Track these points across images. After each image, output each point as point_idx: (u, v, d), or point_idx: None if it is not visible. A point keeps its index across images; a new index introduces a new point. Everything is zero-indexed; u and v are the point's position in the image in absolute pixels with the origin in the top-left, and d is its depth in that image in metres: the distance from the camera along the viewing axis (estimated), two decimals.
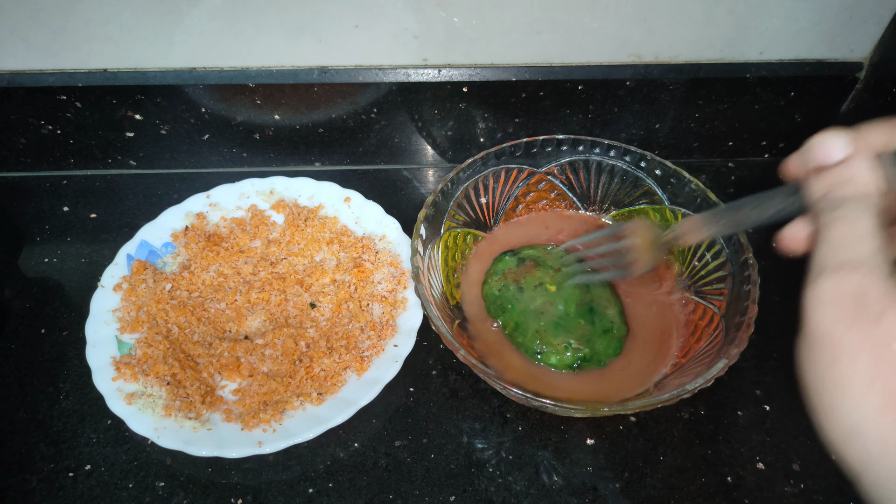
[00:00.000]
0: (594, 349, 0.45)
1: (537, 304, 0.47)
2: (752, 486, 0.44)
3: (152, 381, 0.45)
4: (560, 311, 0.47)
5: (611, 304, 0.48)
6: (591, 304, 0.47)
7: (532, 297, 0.47)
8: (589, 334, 0.46)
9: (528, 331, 0.46)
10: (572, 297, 0.47)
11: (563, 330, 0.46)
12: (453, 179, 0.49)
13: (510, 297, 0.48)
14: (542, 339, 0.46)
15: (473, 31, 0.54)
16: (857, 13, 0.54)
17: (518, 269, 0.49)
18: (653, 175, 0.50)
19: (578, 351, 0.45)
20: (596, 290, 0.48)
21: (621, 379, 0.46)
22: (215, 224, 0.56)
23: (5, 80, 0.54)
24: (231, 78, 0.56)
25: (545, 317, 0.47)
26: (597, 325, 0.46)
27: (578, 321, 0.46)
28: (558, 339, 0.46)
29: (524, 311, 0.47)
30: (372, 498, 0.43)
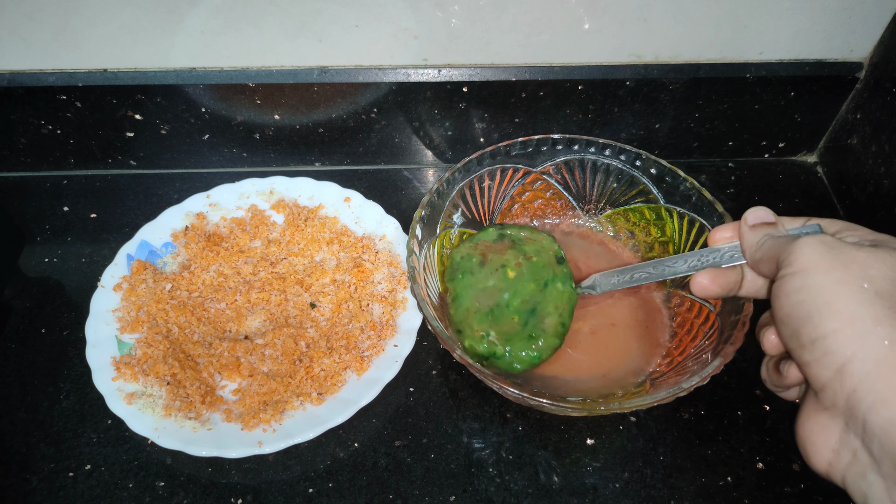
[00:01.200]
0: (510, 350, 0.43)
1: (488, 284, 0.46)
2: (752, 486, 0.44)
3: (152, 381, 0.45)
4: (502, 301, 0.45)
5: (555, 314, 0.45)
6: (536, 306, 0.45)
7: (487, 276, 0.46)
8: (513, 334, 0.44)
9: (461, 306, 0.45)
10: (523, 291, 0.45)
11: (492, 320, 0.44)
12: (448, 179, 0.49)
13: (468, 268, 0.47)
14: (467, 319, 0.44)
15: (473, 31, 0.54)
16: (857, 13, 0.54)
17: (492, 245, 0.48)
18: (648, 174, 0.50)
19: (493, 346, 0.43)
20: (550, 293, 0.46)
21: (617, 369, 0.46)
22: (215, 224, 0.56)
23: (5, 79, 0.54)
24: (231, 78, 0.56)
25: (485, 300, 0.45)
26: (528, 327, 0.44)
27: (512, 317, 0.44)
28: (481, 325, 0.44)
29: (470, 287, 0.46)
30: (372, 498, 0.43)
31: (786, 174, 0.64)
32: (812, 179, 0.64)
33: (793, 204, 0.62)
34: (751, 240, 0.33)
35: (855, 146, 0.59)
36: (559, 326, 0.45)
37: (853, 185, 0.60)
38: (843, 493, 0.43)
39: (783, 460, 0.45)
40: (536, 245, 0.48)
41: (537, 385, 0.46)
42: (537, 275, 0.46)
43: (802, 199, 0.62)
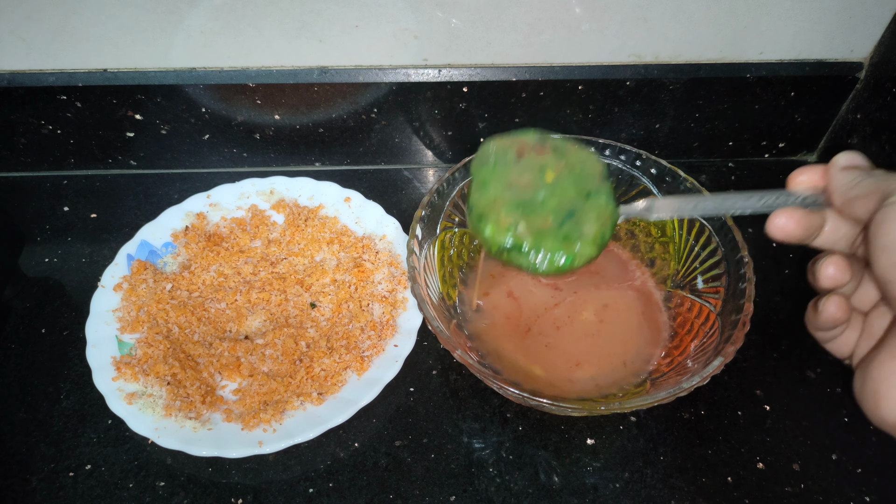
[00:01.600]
0: (539, 246, 0.39)
1: (522, 179, 0.41)
2: (752, 486, 0.44)
3: (152, 381, 0.45)
4: (537, 197, 0.40)
5: (597, 223, 0.40)
6: (575, 210, 0.40)
7: (522, 171, 0.42)
8: (546, 231, 0.39)
9: (487, 193, 0.41)
10: (562, 193, 0.41)
11: (523, 212, 0.40)
12: (449, 179, 0.49)
13: (501, 159, 0.42)
14: (493, 205, 0.40)
15: (473, 31, 0.54)
16: (857, 13, 0.54)
17: (533, 145, 0.43)
18: (648, 174, 0.50)
19: (520, 238, 0.39)
20: (593, 203, 0.41)
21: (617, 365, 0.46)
22: (215, 224, 0.56)
23: (5, 80, 0.54)
24: (231, 78, 0.56)
25: (517, 192, 0.40)
26: (564, 228, 0.39)
27: (547, 215, 0.40)
28: (510, 214, 0.39)
29: (502, 176, 0.42)
30: (372, 498, 0.43)
31: (786, 174, 0.63)
32: None
33: None
34: (843, 179, 0.31)
35: (855, 146, 0.59)
36: (599, 236, 0.39)
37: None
38: (843, 494, 0.43)
39: (783, 460, 0.45)
40: (581, 157, 0.44)
41: (537, 385, 0.46)
42: (579, 183, 0.42)
43: None
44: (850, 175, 0.30)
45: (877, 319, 0.31)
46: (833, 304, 0.31)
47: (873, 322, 0.31)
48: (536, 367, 0.47)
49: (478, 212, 0.41)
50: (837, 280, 0.31)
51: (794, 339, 0.51)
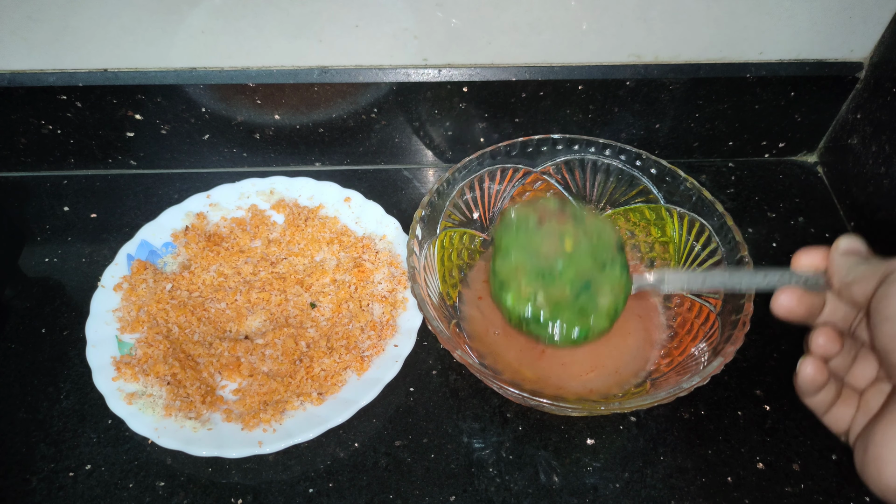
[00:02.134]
0: (556, 318, 0.41)
1: (542, 247, 0.43)
2: (752, 486, 0.44)
3: (152, 380, 0.45)
4: (556, 267, 0.42)
5: (611, 296, 0.42)
6: (591, 283, 0.42)
7: (543, 239, 0.43)
8: (564, 303, 0.41)
9: (509, 261, 0.43)
10: (579, 264, 0.42)
11: (543, 282, 0.41)
12: (449, 179, 0.49)
13: (523, 225, 0.44)
14: (515, 276, 0.42)
15: (473, 31, 0.54)
16: (857, 13, 0.54)
17: (553, 211, 0.45)
18: (648, 174, 0.50)
19: (539, 309, 0.41)
20: (608, 275, 0.43)
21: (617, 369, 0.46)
22: (215, 224, 0.56)
23: (5, 79, 0.54)
24: (231, 78, 0.56)
25: (537, 261, 0.42)
26: (579, 300, 0.41)
27: (565, 286, 0.41)
28: (530, 285, 0.41)
29: (523, 245, 0.43)
30: (372, 498, 0.43)
31: (786, 174, 0.64)
32: (812, 179, 0.64)
33: (793, 204, 0.62)
34: (842, 263, 0.33)
35: (855, 146, 0.59)
36: (612, 310, 0.42)
37: (853, 185, 0.60)
38: (843, 494, 0.43)
39: (783, 460, 0.45)
40: (598, 226, 0.45)
41: (537, 385, 0.46)
42: (596, 254, 0.43)
43: (802, 199, 0.62)
44: (849, 260, 0.32)
45: (874, 397, 0.33)
46: (808, 364, 0.33)
47: (870, 399, 0.33)
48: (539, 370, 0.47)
49: (500, 279, 0.43)
50: (827, 349, 0.33)
51: (794, 339, 0.51)
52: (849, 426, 0.33)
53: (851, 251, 0.33)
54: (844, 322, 0.34)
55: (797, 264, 0.35)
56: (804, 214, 0.61)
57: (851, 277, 0.32)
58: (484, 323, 0.49)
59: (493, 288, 0.43)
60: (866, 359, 0.34)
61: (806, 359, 0.33)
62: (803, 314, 0.34)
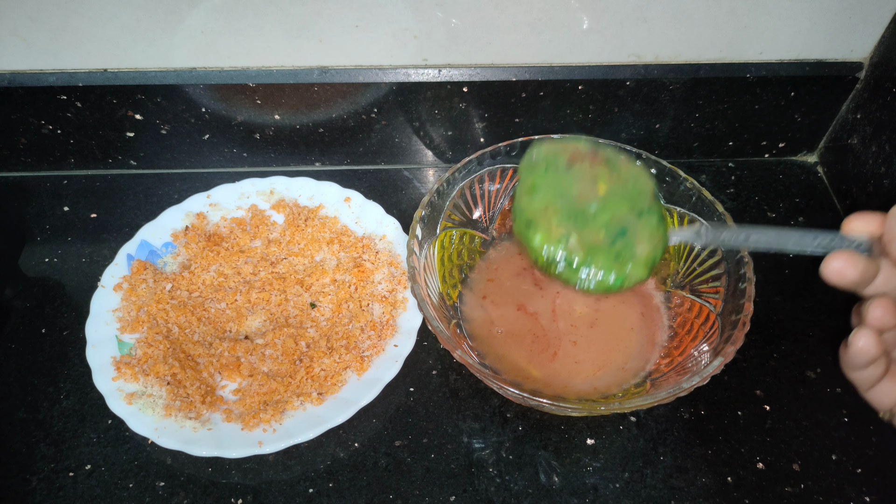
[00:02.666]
0: (589, 262, 0.37)
1: (573, 189, 0.39)
2: (752, 486, 0.44)
3: (152, 380, 0.45)
4: (589, 210, 0.39)
5: (649, 244, 0.38)
6: (626, 228, 0.39)
7: (574, 180, 0.40)
8: (597, 247, 0.38)
9: (538, 199, 0.39)
10: (614, 208, 0.39)
11: (576, 224, 0.38)
12: (449, 179, 0.49)
13: (553, 164, 0.41)
14: (545, 215, 0.38)
15: (473, 31, 0.54)
16: (857, 13, 0.54)
17: (584, 153, 0.42)
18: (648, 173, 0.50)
19: (572, 252, 0.37)
20: (645, 221, 0.39)
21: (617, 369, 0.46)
22: (215, 224, 0.56)
23: (5, 79, 0.54)
24: (231, 78, 0.56)
25: (569, 202, 0.39)
26: (615, 246, 0.38)
27: (600, 230, 0.38)
28: (562, 225, 0.38)
29: (554, 184, 0.40)
30: (372, 498, 0.43)
31: (786, 174, 0.64)
32: (812, 179, 0.64)
33: (793, 204, 0.62)
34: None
35: (855, 146, 0.59)
36: (651, 259, 0.38)
37: (853, 185, 0.60)
38: (843, 494, 0.43)
39: (783, 460, 0.45)
40: (633, 172, 0.42)
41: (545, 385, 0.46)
42: (632, 200, 0.40)
43: (802, 199, 0.62)
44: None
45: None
46: (863, 336, 0.31)
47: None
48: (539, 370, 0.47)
49: (526, 217, 0.39)
50: (884, 322, 0.31)
51: (794, 339, 0.51)
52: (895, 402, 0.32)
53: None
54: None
55: (849, 228, 0.32)
56: (804, 214, 0.61)
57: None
58: (486, 323, 0.49)
59: (517, 226, 0.40)
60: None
61: (861, 330, 0.31)
62: (856, 280, 0.31)
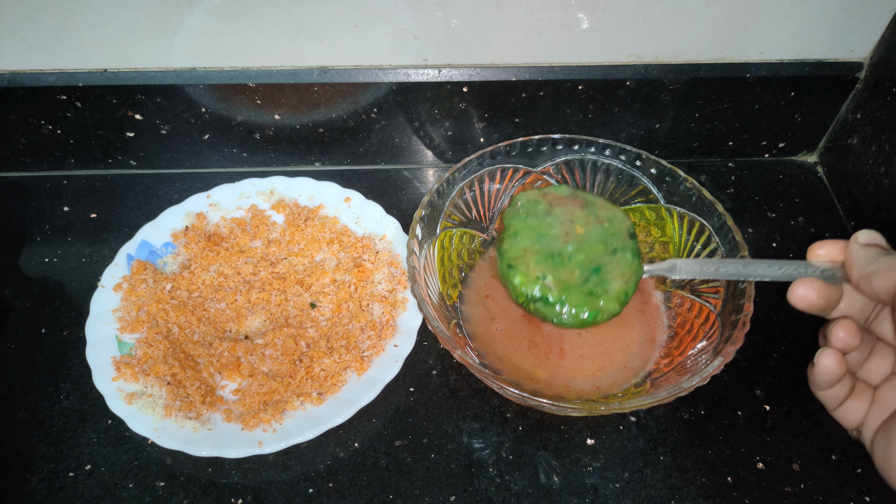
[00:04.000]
0: (564, 301, 0.41)
1: (551, 231, 0.43)
2: (752, 486, 0.44)
3: (152, 381, 0.45)
4: (565, 251, 0.42)
5: (621, 280, 0.42)
6: (601, 267, 0.42)
7: (552, 224, 0.44)
8: (572, 286, 0.41)
9: (518, 243, 0.43)
10: (589, 249, 0.43)
11: (552, 265, 0.42)
12: (449, 179, 0.49)
13: (533, 211, 0.45)
14: (524, 258, 0.42)
15: (473, 31, 0.54)
16: (857, 13, 0.54)
17: (563, 198, 0.46)
18: (648, 174, 0.50)
19: (547, 290, 0.41)
20: (618, 260, 0.43)
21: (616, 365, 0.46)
22: (215, 224, 0.56)
23: (5, 80, 0.54)
24: (231, 78, 0.56)
25: (547, 244, 0.43)
26: (589, 283, 0.41)
27: (574, 269, 0.42)
28: (539, 266, 0.42)
29: (533, 228, 0.44)
30: (372, 498, 0.43)
31: (786, 174, 0.64)
32: (812, 179, 0.64)
33: (793, 204, 0.62)
34: (862, 255, 0.32)
35: (855, 146, 0.59)
36: (622, 294, 0.41)
37: (853, 185, 0.60)
38: (843, 494, 0.43)
39: (783, 460, 0.45)
40: (610, 213, 0.46)
41: (537, 385, 0.46)
42: (607, 240, 0.44)
43: (802, 199, 0.62)
44: (869, 252, 0.32)
45: (889, 392, 0.32)
46: (828, 356, 0.32)
47: (885, 394, 0.32)
48: (539, 370, 0.47)
49: (508, 260, 0.43)
50: (848, 343, 0.32)
51: (793, 339, 0.51)
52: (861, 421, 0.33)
53: (871, 243, 0.32)
54: (861, 315, 0.34)
55: (813, 255, 0.34)
56: (804, 214, 0.61)
57: (872, 269, 0.31)
58: (486, 322, 0.49)
59: (500, 268, 0.43)
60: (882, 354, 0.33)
61: (826, 351, 0.32)
62: (821, 306, 0.33)
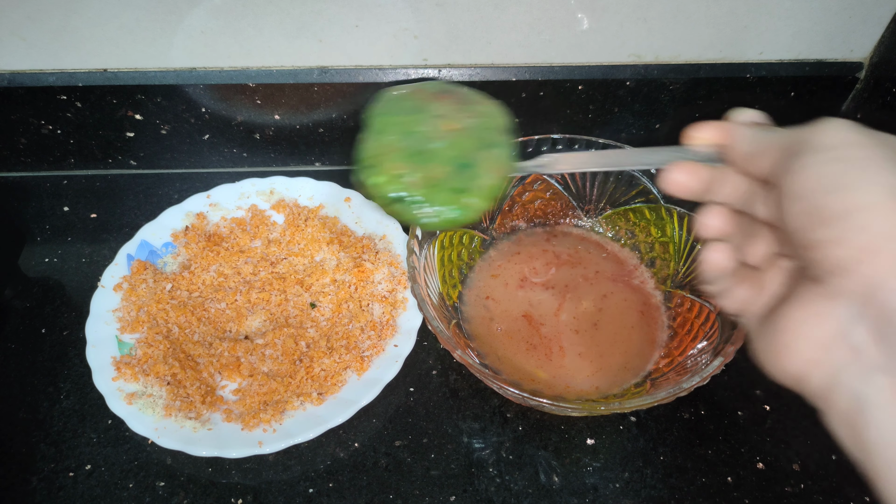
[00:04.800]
0: (428, 198, 0.36)
1: (419, 128, 0.39)
2: (752, 486, 0.44)
3: (152, 381, 0.45)
4: (432, 147, 0.38)
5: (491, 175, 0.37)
6: (471, 161, 0.38)
7: (420, 121, 0.39)
8: (438, 182, 0.37)
9: (379, 139, 0.38)
10: (461, 144, 0.38)
11: (418, 161, 0.37)
12: None
13: (398, 107, 0.40)
14: (383, 153, 0.38)
15: (473, 31, 0.54)
16: (857, 13, 0.54)
17: (436, 93, 0.41)
18: (648, 174, 0.50)
19: (410, 189, 0.36)
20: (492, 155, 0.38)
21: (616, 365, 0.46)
22: (215, 224, 0.56)
23: (5, 79, 0.54)
24: (231, 78, 0.56)
25: (414, 141, 0.38)
26: (455, 178, 0.37)
27: (441, 165, 0.37)
28: (402, 164, 0.37)
29: (397, 125, 0.39)
30: (372, 498, 0.43)
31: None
32: None
33: None
34: (744, 133, 0.30)
35: None
36: (490, 188, 0.37)
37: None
38: (843, 494, 0.43)
39: (783, 460, 0.45)
40: (485, 109, 0.41)
41: (537, 385, 0.46)
42: (481, 135, 0.39)
43: None
44: (751, 131, 0.30)
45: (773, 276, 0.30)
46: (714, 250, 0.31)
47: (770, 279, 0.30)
48: (539, 370, 0.47)
49: (367, 159, 0.38)
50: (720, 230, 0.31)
51: None
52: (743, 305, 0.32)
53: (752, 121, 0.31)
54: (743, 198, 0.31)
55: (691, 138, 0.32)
56: None
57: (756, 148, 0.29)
58: (486, 322, 0.49)
59: (360, 170, 0.38)
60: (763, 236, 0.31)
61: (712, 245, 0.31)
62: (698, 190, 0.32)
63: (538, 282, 0.51)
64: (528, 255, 0.53)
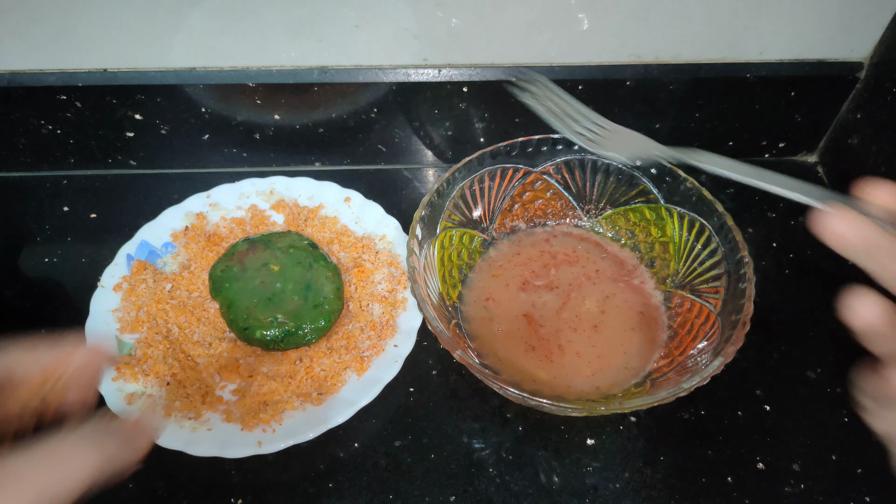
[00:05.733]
0: (300, 323, 0.47)
1: (256, 283, 0.49)
2: (752, 486, 0.44)
3: (152, 381, 0.45)
4: (277, 289, 0.49)
5: (329, 283, 0.49)
6: (309, 282, 0.49)
7: (254, 276, 0.49)
8: (299, 310, 0.48)
9: (240, 308, 0.48)
10: (292, 275, 0.49)
11: (274, 305, 0.48)
12: (449, 179, 0.49)
13: (231, 277, 0.50)
14: (251, 314, 0.47)
15: (473, 30, 0.54)
16: (857, 13, 0.54)
17: (246, 251, 0.51)
18: (648, 174, 0.50)
19: (283, 325, 0.47)
20: (317, 270, 0.50)
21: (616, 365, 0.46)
22: (215, 224, 0.56)
23: (5, 79, 0.54)
24: (231, 78, 0.56)
25: (260, 294, 0.48)
26: (309, 300, 0.48)
27: (292, 297, 0.48)
28: (266, 313, 0.47)
29: (241, 290, 0.49)
30: (372, 498, 0.43)
31: (786, 174, 0.64)
32: (812, 179, 0.64)
33: (793, 204, 0.61)
34: None
35: (855, 146, 0.59)
36: (337, 290, 0.49)
37: (853, 185, 0.60)
38: (843, 494, 0.43)
39: (783, 460, 0.45)
40: (288, 240, 0.52)
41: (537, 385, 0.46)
42: (300, 260, 0.50)
43: None
44: None
45: None
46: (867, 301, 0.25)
47: None
48: (540, 370, 0.47)
49: (240, 327, 0.47)
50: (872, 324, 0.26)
51: (794, 339, 0.51)
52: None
53: None
54: None
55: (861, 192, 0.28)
56: (804, 214, 0.60)
57: None
58: (486, 322, 0.49)
59: (238, 334, 0.48)
60: None
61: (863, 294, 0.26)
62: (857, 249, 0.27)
63: (539, 283, 0.51)
64: (528, 256, 0.53)
